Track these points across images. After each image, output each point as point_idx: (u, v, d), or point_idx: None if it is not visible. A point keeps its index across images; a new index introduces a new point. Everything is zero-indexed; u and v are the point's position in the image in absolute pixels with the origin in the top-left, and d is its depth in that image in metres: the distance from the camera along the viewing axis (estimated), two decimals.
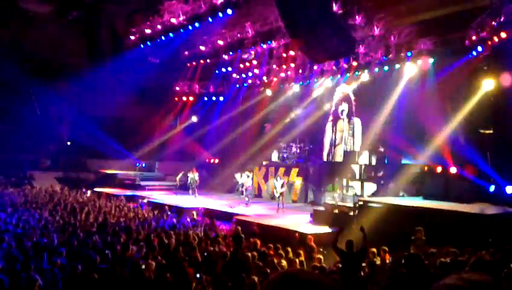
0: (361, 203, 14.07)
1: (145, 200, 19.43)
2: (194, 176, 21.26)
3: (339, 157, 20.79)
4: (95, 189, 22.69)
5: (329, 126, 21.87)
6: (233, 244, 9.29)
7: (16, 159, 24.40)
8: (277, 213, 16.57)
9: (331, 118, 21.79)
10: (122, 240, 9.56)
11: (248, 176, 19.52)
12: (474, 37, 14.70)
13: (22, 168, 25.24)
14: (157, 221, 13.46)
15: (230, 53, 22.02)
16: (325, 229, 13.27)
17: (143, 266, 7.05)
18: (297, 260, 8.26)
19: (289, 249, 9.22)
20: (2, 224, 11.40)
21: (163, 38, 20.47)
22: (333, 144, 21.53)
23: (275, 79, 23.04)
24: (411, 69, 17.38)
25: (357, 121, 20.56)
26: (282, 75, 22.36)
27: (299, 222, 14.63)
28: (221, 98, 26.81)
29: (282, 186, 17.44)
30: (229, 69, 24.24)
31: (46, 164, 27.00)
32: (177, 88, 27.21)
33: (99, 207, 15.98)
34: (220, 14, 17.38)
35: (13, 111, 24.64)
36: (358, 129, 20.46)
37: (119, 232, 10.57)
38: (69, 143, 27.91)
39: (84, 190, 21.95)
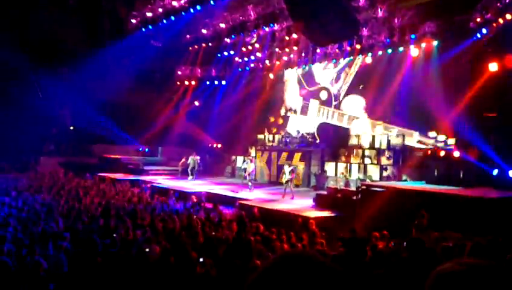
0: (364, 187, 14.08)
1: (149, 185, 19.52)
2: (195, 159, 21.34)
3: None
4: (99, 174, 22.78)
5: (331, 109, 21.76)
6: (237, 229, 9.36)
7: (19, 144, 24.47)
8: (291, 199, 16.21)
9: (334, 101, 21.67)
10: (126, 224, 9.62)
11: (251, 161, 19.52)
12: (478, 19, 14.49)
13: (25, 154, 25.33)
14: (161, 206, 13.53)
15: (233, 36, 21.82)
16: (328, 213, 13.32)
17: (147, 250, 7.10)
18: (299, 245, 8.32)
19: (292, 233, 9.28)
20: (6, 208, 11.49)
21: (164, 21, 20.29)
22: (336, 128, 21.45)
23: (277, 62, 22.89)
24: (415, 52, 17.21)
25: (360, 104, 20.43)
26: (285, 58, 22.20)
27: (302, 206, 14.68)
28: (223, 82, 26.67)
29: (290, 173, 17.28)
30: (231, 52, 24.05)
31: (50, 149, 27.07)
32: (179, 72, 27.06)
33: (104, 192, 16.06)
34: None
35: (15, 96, 24.61)
36: (362, 113, 20.36)
37: (124, 217, 10.65)
38: (72, 128, 27.95)
39: (88, 174, 22.04)
